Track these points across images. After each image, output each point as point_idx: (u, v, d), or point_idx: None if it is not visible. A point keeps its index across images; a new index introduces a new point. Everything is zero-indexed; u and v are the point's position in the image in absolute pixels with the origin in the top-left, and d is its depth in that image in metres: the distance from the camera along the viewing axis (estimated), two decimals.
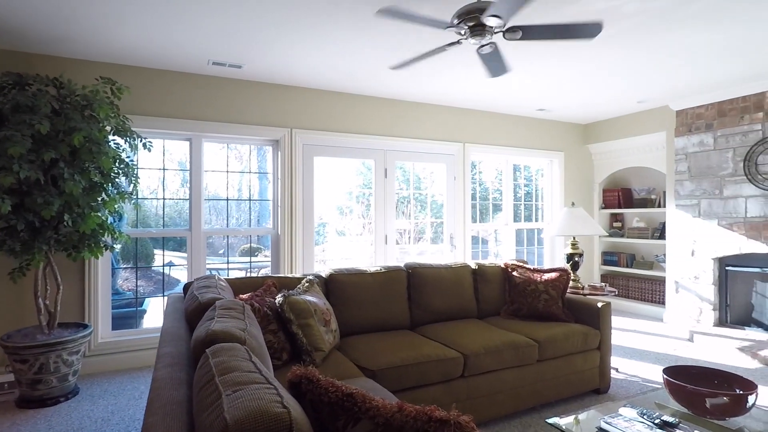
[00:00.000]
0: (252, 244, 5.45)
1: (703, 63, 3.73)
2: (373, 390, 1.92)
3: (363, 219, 4.96)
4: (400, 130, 4.88)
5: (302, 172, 4.42)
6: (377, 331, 2.92)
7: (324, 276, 2.93)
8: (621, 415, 1.87)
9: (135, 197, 3.45)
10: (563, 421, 1.96)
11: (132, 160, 3.37)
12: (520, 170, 6.04)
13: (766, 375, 3.48)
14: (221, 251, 6.11)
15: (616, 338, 4.49)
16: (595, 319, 3.08)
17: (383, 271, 3.06)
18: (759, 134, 4.26)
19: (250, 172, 4.52)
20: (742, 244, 4.37)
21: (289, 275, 2.84)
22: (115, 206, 3.22)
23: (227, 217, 4.55)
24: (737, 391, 1.97)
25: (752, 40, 3.25)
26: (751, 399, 1.86)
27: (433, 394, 2.41)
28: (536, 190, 6.16)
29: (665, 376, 2.03)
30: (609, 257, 6.05)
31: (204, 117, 4.00)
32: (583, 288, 3.58)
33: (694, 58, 3.61)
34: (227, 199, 4.39)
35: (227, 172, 4.31)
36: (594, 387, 3.06)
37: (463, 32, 2.52)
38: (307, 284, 2.63)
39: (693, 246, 4.79)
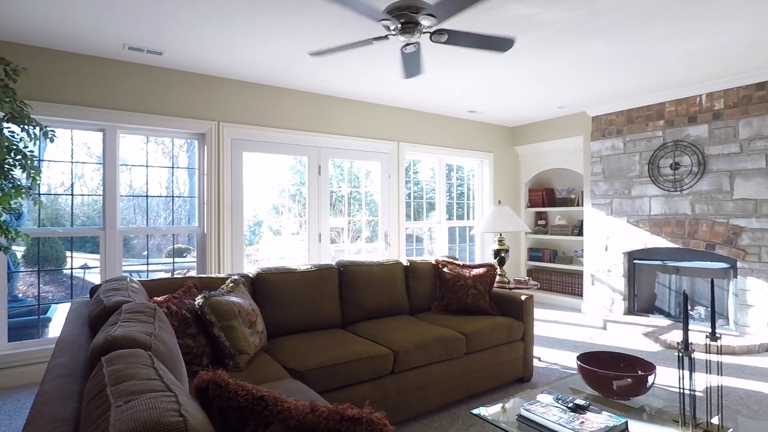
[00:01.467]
0: (180, 245, 5.12)
1: (613, 73, 4.05)
2: (299, 392, 1.86)
3: (300, 218, 4.84)
4: (334, 127, 4.82)
5: (231, 167, 4.22)
6: (307, 331, 2.85)
7: (251, 275, 2.81)
8: (539, 402, 1.96)
9: (36, 193, 3.09)
10: (487, 411, 2.03)
11: (32, 151, 3.02)
12: (454, 170, 6.22)
13: (665, 357, 3.85)
14: (146, 252, 5.69)
15: (540, 329, 4.76)
16: (519, 312, 3.23)
17: (313, 269, 2.99)
18: (660, 140, 4.71)
19: (173, 167, 4.23)
20: (646, 240, 4.81)
21: (213, 275, 2.69)
22: (10, 202, 2.87)
23: (147, 215, 4.23)
24: (639, 372, 2.15)
25: (653, 55, 3.57)
26: (650, 379, 2.04)
27: (363, 392, 2.40)
28: (468, 190, 6.37)
29: (579, 363, 2.17)
30: (534, 253, 6.41)
31: (119, 106, 3.69)
32: (509, 282, 3.74)
33: (606, 68, 3.90)
34: (146, 196, 4.08)
35: (146, 166, 4.01)
36: (518, 376, 3.21)
37: (393, 27, 2.53)
38: (231, 284, 2.51)
39: (606, 242, 5.19)
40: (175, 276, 4.59)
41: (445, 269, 3.46)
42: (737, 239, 4.13)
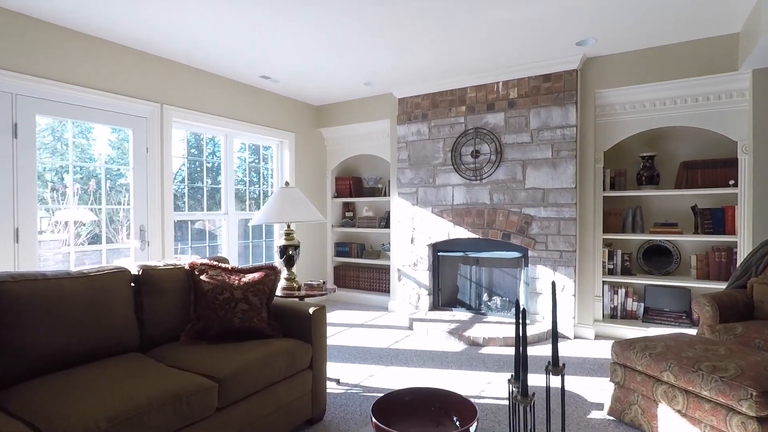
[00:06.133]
0: None
1: (415, 43, 3.56)
2: None
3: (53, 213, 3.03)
4: (49, 69, 3.18)
5: None
6: None
7: None
8: None
9: None
10: None
11: None
12: (247, 149, 5.09)
13: (470, 356, 3.54)
14: None
15: (342, 338, 4.07)
16: (307, 330, 2.38)
17: None
18: (462, 126, 4.53)
19: None
20: (450, 230, 4.59)
21: None
22: None
23: None
24: (456, 422, 1.49)
25: (454, 24, 3.16)
26: (472, 429, 1.39)
27: None
28: (266, 175, 5.34)
29: (374, 419, 1.39)
30: (341, 248, 5.78)
31: None
32: (299, 288, 2.87)
33: (408, 42, 3.38)
34: None
35: None
36: (306, 418, 2.35)
37: None
38: None
39: (413, 233, 4.84)
40: None
41: (203, 277, 2.37)
42: (528, 228, 4.15)
